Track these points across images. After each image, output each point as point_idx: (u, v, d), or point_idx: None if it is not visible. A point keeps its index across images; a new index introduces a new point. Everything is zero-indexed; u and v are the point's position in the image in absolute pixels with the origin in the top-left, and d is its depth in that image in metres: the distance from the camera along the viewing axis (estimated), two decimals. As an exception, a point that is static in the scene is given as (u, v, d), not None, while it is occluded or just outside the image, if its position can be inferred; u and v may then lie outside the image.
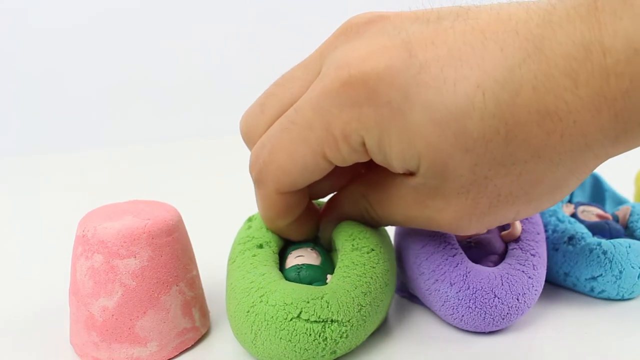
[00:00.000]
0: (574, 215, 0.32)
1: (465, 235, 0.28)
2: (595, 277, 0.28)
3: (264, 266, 0.25)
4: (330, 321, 0.22)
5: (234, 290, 0.24)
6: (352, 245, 0.25)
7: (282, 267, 0.26)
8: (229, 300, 0.24)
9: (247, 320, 0.23)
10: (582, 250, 0.28)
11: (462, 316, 0.25)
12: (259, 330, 0.22)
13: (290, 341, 0.22)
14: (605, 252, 0.28)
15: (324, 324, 0.22)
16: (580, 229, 0.29)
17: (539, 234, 0.28)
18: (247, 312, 0.23)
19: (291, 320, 0.22)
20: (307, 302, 0.22)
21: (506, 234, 0.28)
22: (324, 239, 0.28)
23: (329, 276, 0.25)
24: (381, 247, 0.25)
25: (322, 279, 0.25)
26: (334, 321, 0.22)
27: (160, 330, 0.24)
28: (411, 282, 0.28)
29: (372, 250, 0.25)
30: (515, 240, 0.28)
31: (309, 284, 0.24)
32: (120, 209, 0.25)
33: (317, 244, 0.28)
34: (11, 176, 0.62)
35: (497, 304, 0.25)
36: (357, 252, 0.25)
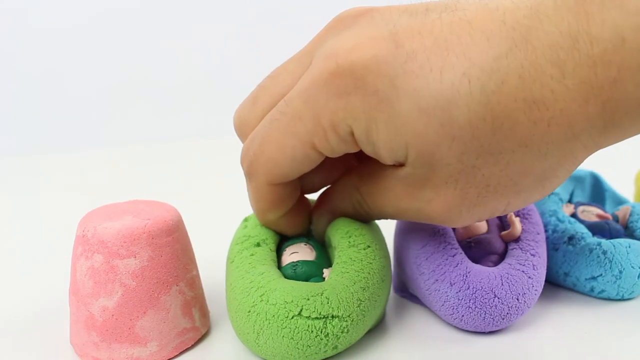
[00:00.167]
0: (574, 215, 0.32)
1: (461, 232, 0.28)
2: (595, 277, 0.28)
3: (263, 265, 0.25)
4: (331, 317, 0.22)
5: (234, 290, 0.24)
6: (348, 242, 0.25)
7: (278, 264, 0.26)
8: (230, 300, 0.25)
9: (248, 320, 0.23)
10: (582, 250, 0.28)
11: (462, 316, 0.25)
12: (261, 329, 0.23)
13: (292, 339, 0.22)
14: (605, 252, 0.28)
15: (325, 319, 0.22)
16: (580, 229, 0.29)
17: (539, 234, 0.28)
18: (249, 312, 0.23)
19: (292, 318, 0.22)
20: (307, 299, 0.22)
21: (506, 234, 0.28)
22: (317, 232, 0.28)
23: (325, 270, 0.25)
24: (376, 244, 0.26)
25: (318, 274, 0.25)
26: (334, 317, 0.23)
27: (160, 330, 0.24)
28: (411, 282, 0.28)
29: (368, 247, 0.25)
30: (515, 240, 0.28)
31: (306, 281, 0.24)
32: (120, 209, 0.25)
33: (310, 238, 0.28)
34: (11, 176, 0.62)
35: (497, 304, 0.25)
36: (354, 248, 0.25)
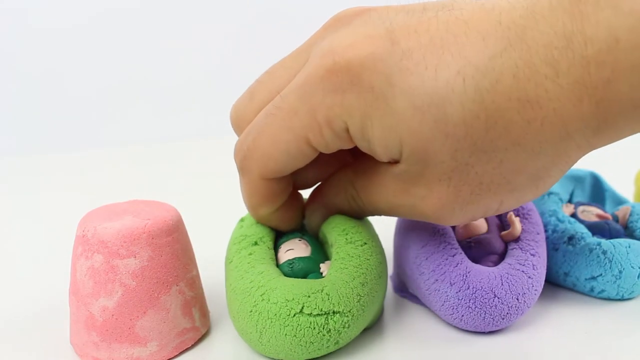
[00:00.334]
0: (573, 215, 0.32)
1: (461, 232, 0.28)
2: (595, 277, 0.28)
3: (262, 264, 0.25)
4: (332, 313, 0.23)
5: (235, 291, 0.24)
6: (345, 239, 0.25)
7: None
8: (231, 301, 0.25)
9: (251, 319, 0.23)
10: (582, 250, 0.28)
11: (462, 316, 0.25)
12: (263, 328, 0.23)
13: (295, 336, 0.22)
14: (605, 252, 0.28)
15: (327, 316, 0.23)
16: (580, 229, 0.29)
17: (539, 234, 0.28)
18: (250, 311, 0.23)
19: (294, 316, 0.22)
20: (308, 297, 0.23)
21: (506, 234, 0.28)
22: (311, 226, 0.28)
23: (321, 265, 0.25)
24: (373, 241, 0.26)
25: (315, 269, 0.25)
26: (335, 312, 0.23)
27: (160, 330, 0.24)
28: (411, 282, 0.28)
29: (365, 243, 0.25)
30: (515, 240, 0.28)
31: (303, 277, 0.25)
32: (120, 209, 0.25)
33: (304, 233, 0.28)
34: (11, 176, 0.62)
35: (497, 304, 0.25)
36: (352, 245, 0.25)
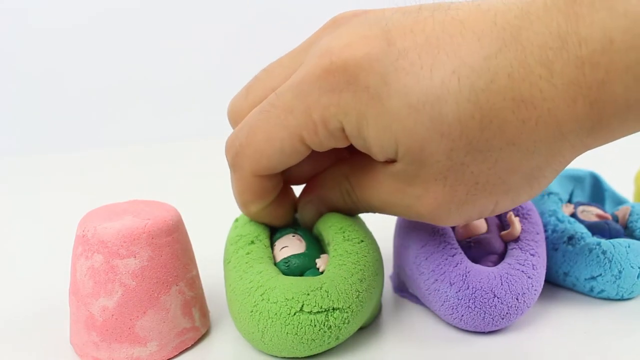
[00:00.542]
0: (573, 215, 0.32)
1: (461, 232, 0.28)
2: (594, 277, 0.28)
3: (260, 263, 0.25)
4: (332, 309, 0.23)
5: (235, 291, 0.24)
6: (343, 236, 0.25)
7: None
8: (231, 301, 0.25)
9: (252, 319, 0.23)
10: (581, 250, 0.28)
11: (462, 316, 0.25)
12: (265, 328, 0.23)
13: (297, 334, 0.23)
14: (604, 252, 0.28)
15: (327, 313, 0.23)
16: (579, 229, 0.29)
17: (539, 234, 0.28)
18: (251, 311, 0.23)
19: (295, 314, 0.22)
20: (308, 295, 0.23)
21: (506, 234, 0.28)
22: (303, 219, 0.28)
23: (317, 260, 0.25)
24: (369, 239, 0.26)
25: (311, 266, 0.25)
26: (335, 309, 0.23)
27: (160, 330, 0.24)
28: (411, 282, 0.28)
29: (362, 241, 0.26)
30: (514, 240, 0.28)
31: (300, 274, 0.25)
32: (120, 209, 0.25)
33: (297, 227, 0.28)
34: (11, 176, 0.62)
35: (496, 304, 0.25)
36: (349, 242, 0.25)
